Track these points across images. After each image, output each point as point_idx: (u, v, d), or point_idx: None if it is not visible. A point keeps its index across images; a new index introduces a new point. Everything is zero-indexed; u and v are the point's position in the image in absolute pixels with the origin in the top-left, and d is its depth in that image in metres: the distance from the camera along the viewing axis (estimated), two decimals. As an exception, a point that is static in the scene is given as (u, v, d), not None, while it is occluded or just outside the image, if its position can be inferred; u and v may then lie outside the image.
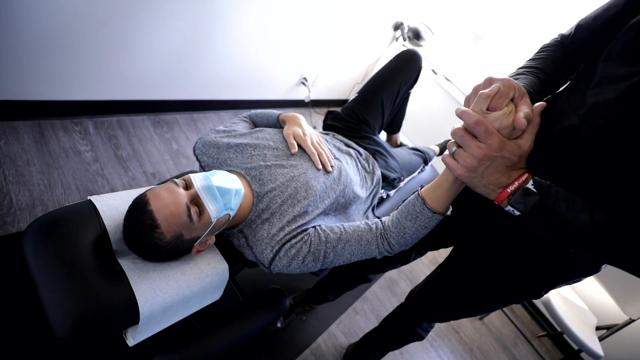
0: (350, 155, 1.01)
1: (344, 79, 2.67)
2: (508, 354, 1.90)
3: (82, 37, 1.20)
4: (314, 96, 2.53)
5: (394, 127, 1.43)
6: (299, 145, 0.84)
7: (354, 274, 1.13)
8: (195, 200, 0.61)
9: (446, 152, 0.56)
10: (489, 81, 0.53)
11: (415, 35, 2.43)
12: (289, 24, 1.80)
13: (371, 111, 1.16)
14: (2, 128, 1.23)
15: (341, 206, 0.91)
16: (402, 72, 1.15)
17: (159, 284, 0.63)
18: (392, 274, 1.83)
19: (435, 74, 2.56)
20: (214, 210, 0.61)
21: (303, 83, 2.39)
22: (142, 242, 0.59)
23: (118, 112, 1.55)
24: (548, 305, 1.72)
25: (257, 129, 0.91)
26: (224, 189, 0.63)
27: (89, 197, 0.69)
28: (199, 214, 0.60)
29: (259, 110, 1.01)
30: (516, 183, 0.50)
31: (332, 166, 0.86)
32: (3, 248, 1.00)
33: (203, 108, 1.90)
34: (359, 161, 1.03)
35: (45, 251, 0.60)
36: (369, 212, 1.08)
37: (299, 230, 0.74)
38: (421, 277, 1.90)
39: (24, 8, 1.03)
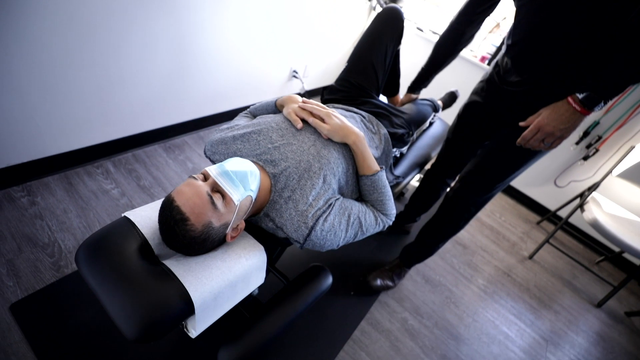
0: (354, 118, 1.02)
1: (333, 62, 2.66)
2: (569, 286, 1.84)
3: (80, 83, 1.28)
4: (308, 86, 2.54)
5: (392, 88, 1.43)
6: (303, 120, 0.87)
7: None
8: (216, 188, 0.64)
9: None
10: None
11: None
12: (266, 23, 1.83)
13: (363, 75, 1.16)
14: (35, 186, 1.33)
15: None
16: (385, 30, 1.15)
17: (203, 273, 0.67)
18: (428, 235, 1.82)
19: (422, 30, 2.51)
20: (235, 194, 0.64)
21: (295, 76, 2.42)
22: (177, 237, 0.62)
23: (131, 147, 1.64)
24: (598, 226, 1.65)
25: (258, 116, 0.94)
26: (239, 172, 0.66)
27: (123, 214, 0.74)
28: (222, 200, 0.63)
29: (257, 103, 1.04)
30: (574, 104, 0.78)
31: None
32: (67, 287, 1.09)
33: (207, 124, 1.97)
34: (364, 123, 1.04)
35: (97, 267, 0.65)
36: (387, 173, 1.09)
37: (327, 204, 0.76)
38: (458, 230, 1.88)
39: (24, 68, 1.12)
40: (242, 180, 0.66)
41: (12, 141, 1.23)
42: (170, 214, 0.61)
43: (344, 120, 0.86)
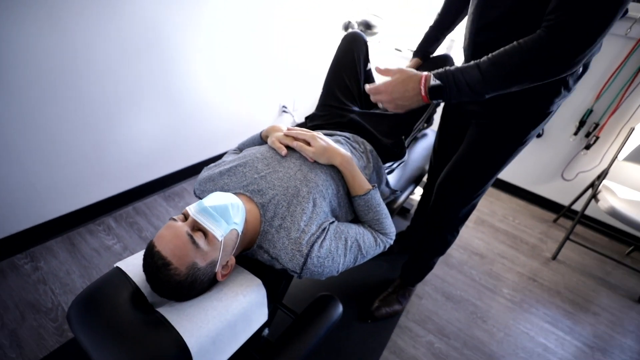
0: (339, 142, 1.02)
1: (319, 91, 2.74)
2: (603, 284, 1.72)
3: (75, 145, 1.33)
4: (299, 119, 2.60)
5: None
6: (287, 147, 0.87)
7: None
8: (197, 226, 0.62)
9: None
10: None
11: (367, 26, 2.51)
12: (250, 66, 1.92)
13: (340, 91, 1.18)
14: (38, 251, 1.34)
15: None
16: (349, 51, 1.19)
17: (199, 316, 0.64)
18: (442, 248, 1.75)
19: (400, 51, 2.60)
20: (217, 230, 0.62)
21: (284, 111, 2.48)
22: (163, 284, 0.60)
23: (131, 201, 1.66)
24: (617, 214, 1.57)
25: (244, 150, 0.94)
26: (219, 207, 0.64)
27: (114, 265, 0.72)
28: (204, 238, 0.61)
29: (245, 139, 1.05)
30: (421, 87, 0.73)
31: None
32: (70, 351, 1.05)
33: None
34: (349, 144, 1.04)
35: (89, 323, 0.63)
36: (384, 188, 1.07)
37: (321, 229, 0.74)
38: (472, 242, 1.81)
39: (19, 135, 1.17)
40: (223, 214, 0.64)
41: (14, 209, 1.25)
42: (152, 261, 0.59)
43: (329, 141, 0.85)
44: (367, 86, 0.83)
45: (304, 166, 0.82)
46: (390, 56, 2.50)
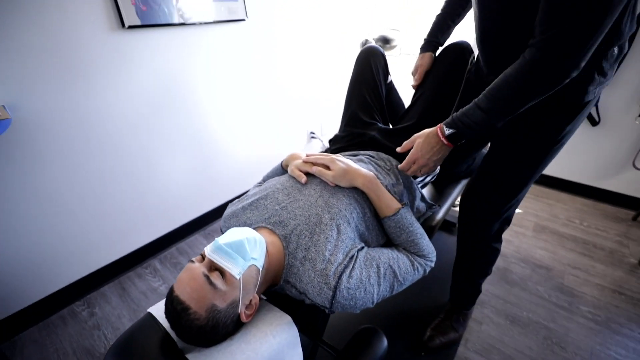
0: (362, 161, 0.98)
1: (346, 114, 2.74)
2: None
3: (119, 193, 1.43)
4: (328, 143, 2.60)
5: (398, 117, 1.39)
6: (307, 174, 0.84)
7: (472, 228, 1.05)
8: (214, 266, 0.60)
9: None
10: None
11: (384, 41, 2.50)
12: (269, 98, 1.98)
13: (361, 108, 1.14)
14: (94, 298, 1.42)
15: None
16: (367, 66, 1.16)
17: (227, 362, 0.60)
18: (499, 263, 1.56)
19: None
20: (233, 268, 0.59)
21: (313, 137, 2.50)
22: (185, 329, 0.58)
23: (173, 242, 1.73)
24: None
25: (266, 182, 0.94)
26: (233, 243, 0.62)
27: (147, 310, 0.73)
28: (221, 278, 0.59)
29: (269, 170, 1.06)
30: (441, 138, 0.77)
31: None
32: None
33: (240, 203, 2.05)
34: (374, 162, 0.99)
35: (121, 373, 0.62)
36: (419, 203, 0.99)
37: (348, 257, 0.69)
38: (533, 253, 1.61)
39: (69, 191, 1.28)
40: (238, 250, 0.61)
41: (71, 259, 1.36)
42: (171, 306, 0.58)
43: (348, 162, 0.82)
44: (400, 166, 0.88)
45: (324, 192, 0.78)
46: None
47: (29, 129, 1.13)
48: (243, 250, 0.62)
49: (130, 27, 1.26)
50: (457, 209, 1.96)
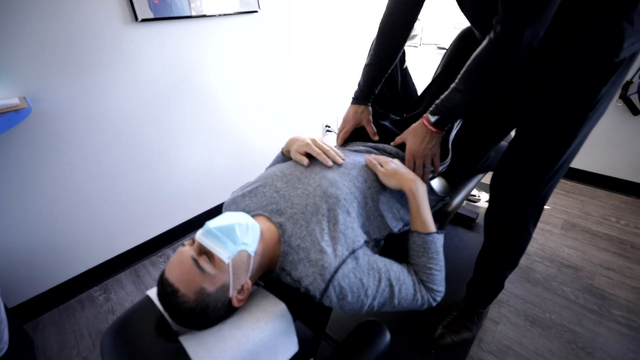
0: (368, 152, 0.94)
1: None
2: None
3: (135, 185, 1.48)
4: (344, 136, 2.56)
5: (411, 106, 1.33)
6: (309, 156, 0.83)
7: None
8: (203, 250, 0.59)
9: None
10: None
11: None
12: (284, 90, 1.97)
13: (375, 101, 1.10)
14: (110, 284, 1.48)
15: (384, 198, 0.82)
16: None
17: (216, 346, 0.59)
18: (520, 261, 1.45)
19: (444, 49, 2.44)
20: (222, 251, 0.58)
21: (328, 130, 2.48)
22: (175, 311, 0.58)
23: (188, 232, 1.76)
24: None
25: (267, 169, 0.92)
26: (224, 227, 0.60)
27: (146, 293, 0.74)
28: (209, 262, 0.58)
29: (272, 160, 1.05)
30: (429, 127, 0.80)
31: (342, 159, 0.82)
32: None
33: (253, 196, 2.06)
34: (385, 152, 0.95)
35: (116, 352, 0.63)
36: (428, 196, 0.94)
37: (348, 251, 0.66)
38: (559, 251, 1.50)
39: (88, 181, 1.34)
40: (228, 235, 0.60)
41: (90, 246, 1.42)
42: (162, 288, 0.58)
43: (399, 165, 0.82)
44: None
45: (324, 180, 0.76)
46: (433, 55, 2.34)
47: (49, 120, 1.18)
48: (233, 235, 0.60)
49: (144, 20, 1.28)
50: (476, 204, 1.87)
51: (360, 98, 1.00)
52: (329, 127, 2.47)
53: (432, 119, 0.79)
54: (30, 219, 1.24)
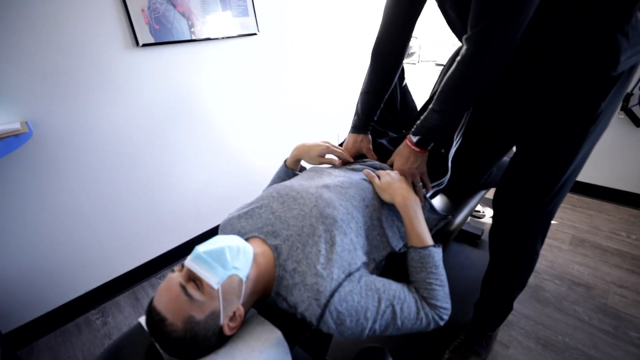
0: (365, 168, 0.93)
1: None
2: None
3: (134, 204, 1.47)
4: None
5: (407, 124, 1.33)
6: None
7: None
8: (192, 276, 0.57)
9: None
10: None
11: (401, 50, 2.45)
12: (297, 103, 1.99)
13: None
14: (108, 307, 1.45)
15: (383, 217, 0.80)
16: None
17: (207, 379, 0.57)
18: (530, 280, 1.41)
19: (442, 65, 2.46)
20: (211, 277, 0.56)
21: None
22: (163, 341, 0.55)
23: (188, 252, 1.73)
24: None
25: (265, 190, 0.91)
26: (213, 251, 0.58)
27: (138, 320, 0.71)
28: (198, 288, 0.56)
29: (273, 176, 1.05)
30: (412, 147, 0.82)
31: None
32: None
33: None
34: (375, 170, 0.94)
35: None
36: (428, 215, 0.91)
37: (345, 274, 0.64)
38: (569, 268, 1.45)
39: (87, 202, 1.33)
40: (218, 259, 0.58)
41: (88, 268, 1.40)
42: (150, 318, 0.56)
43: (394, 177, 0.83)
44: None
45: (320, 201, 0.74)
46: (431, 71, 2.36)
47: (49, 143, 1.19)
48: (223, 259, 0.58)
49: (145, 45, 1.32)
50: (481, 220, 1.83)
51: (359, 127, 1.01)
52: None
53: (414, 139, 0.80)
54: (29, 241, 1.23)
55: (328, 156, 0.94)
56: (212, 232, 1.83)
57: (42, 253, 1.27)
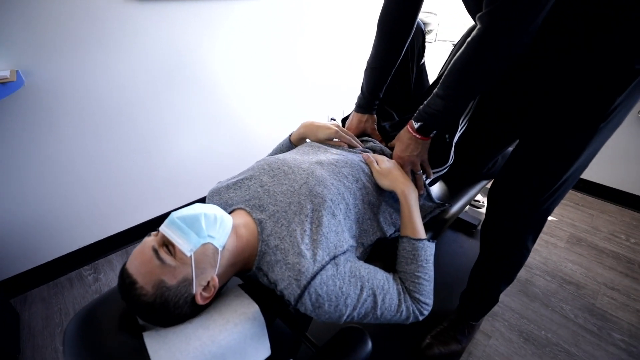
0: (364, 152, 0.90)
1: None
2: None
3: (130, 167, 1.45)
4: (349, 130, 2.50)
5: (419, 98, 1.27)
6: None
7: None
8: (165, 241, 0.56)
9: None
10: None
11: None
12: (289, 80, 1.91)
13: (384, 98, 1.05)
14: (101, 264, 1.48)
15: (377, 201, 0.78)
16: None
17: (178, 346, 0.56)
18: (520, 273, 1.40)
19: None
20: (183, 243, 0.55)
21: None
22: (133, 305, 0.55)
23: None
24: None
25: (257, 161, 0.88)
26: (187, 218, 0.57)
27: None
28: (170, 253, 0.55)
29: (276, 145, 1.03)
30: (414, 134, 0.77)
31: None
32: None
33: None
34: (374, 151, 0.90)
35: (78, 344, 0.60)
36: (424, 202, 0.89)
37: (329, 257, 0.62)
38: (562, 266, 1.43)
39: (83, 162, 1.32)
40: (192, 225, 0.56)
41: (82, 225, 1.41)
42: (121, 279, 0.55)
43: (395, 165, 0.80)
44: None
45: (311, 178, 0.71)
46: (449, 52, 2.24)
47: (43, 95, 1.15)
48: (197, 226, 0.56)
49: (145, -3, 1.24)
50: (480, 210, 1.80)
51: (364, 107, 0.96)
52: (334, 120, 2.41)
53: (416, 125, 0.76)
54: (22, 194, 1.22)
55: (335, 140, 0.89)
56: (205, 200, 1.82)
57: (34, 205, 1.27)
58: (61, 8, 1.10)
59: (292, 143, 0.96)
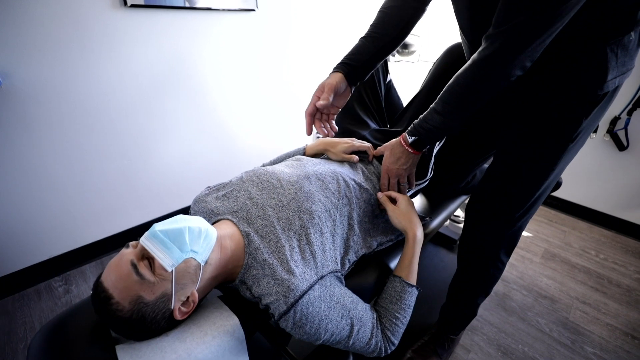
0: (350, 167, 0.91)
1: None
2: None
3: (109, 174, 1.41)
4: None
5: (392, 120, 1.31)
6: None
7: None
8: (145, 254, 0.54)
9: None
10: None
11: (403, 46, 2.41)
12: (276, 91, 1.94)
13: (359, 107, 1.08)
14: (73, 275, 1.41)
15: (361, 217, 0.80)
16: None
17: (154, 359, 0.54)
18: (498, 287, 1.44)
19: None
20: (165, 258, 0.52)
21: (318, 136, 2.44)
22: (108, 320, 0.52)
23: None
24: None
25: (246, 172, 0.88)
26: (171, 231, 0.55)
27: (92, 291, 0.68)
28: (150, 268, 0.52)
29: (289, 151, 1.02)
30: (406, 147, 0.77)
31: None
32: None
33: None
34: (359, 167, 0.91)
35: (43, 355, 0.57)
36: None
37: (317, 277, 0.63)
38: (538, 281, 1.48)
39: (58, 166, 1.27)
40: (175, 240, 0.54)
41: (54, 234, 1.35)
42: (95, 293, 0.52)
43: (412, 208, 0.82)
44: (380, 185, 0.86)
45: (299, 193, 0.72)
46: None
47: (19, 97, 1.12)
48: (181, 240, 0.55)
49: (133, 5, 1.24)
50: (459, 224, 1.85)
51: (352, 76, 0.88)
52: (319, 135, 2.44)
53: (410, 139, 0.75)
54: (-10, 200, 1.17)
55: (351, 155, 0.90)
56: (188, 211, 1.78)
57: (5, 214, 1.21)
58: (44, 11, 1.09)
59: (304, 154, 0.96)
